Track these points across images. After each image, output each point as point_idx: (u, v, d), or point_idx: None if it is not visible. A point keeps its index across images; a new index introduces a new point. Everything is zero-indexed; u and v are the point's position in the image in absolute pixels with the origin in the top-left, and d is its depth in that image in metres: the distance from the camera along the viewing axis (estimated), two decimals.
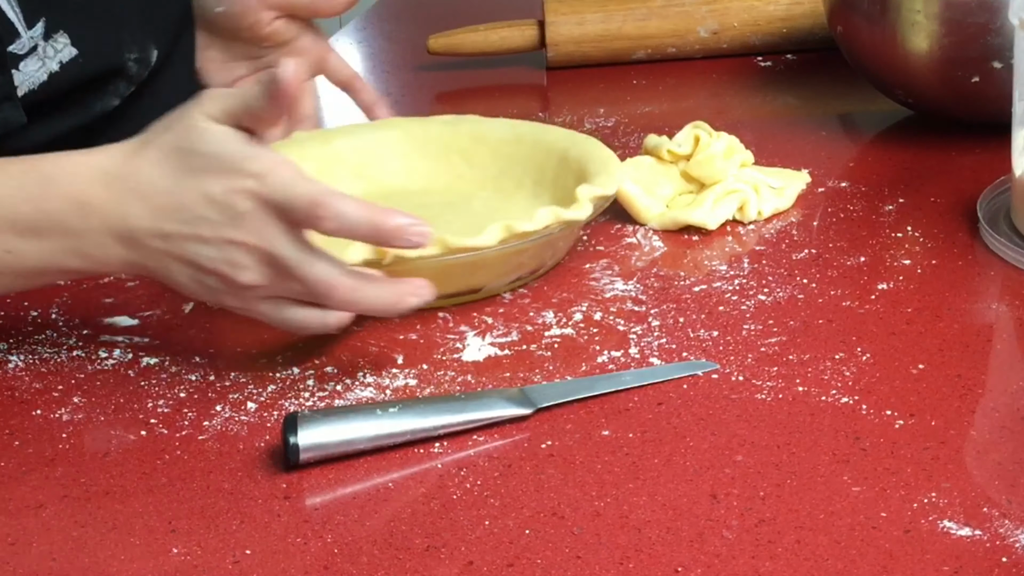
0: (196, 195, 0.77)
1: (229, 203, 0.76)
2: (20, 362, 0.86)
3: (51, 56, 0.98)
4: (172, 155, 0.78)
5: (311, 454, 0.73)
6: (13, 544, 0.69)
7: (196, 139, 0.77)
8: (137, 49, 1.06)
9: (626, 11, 1.34)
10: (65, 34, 0.99)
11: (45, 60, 0.98)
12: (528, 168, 1.02)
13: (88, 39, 1.01)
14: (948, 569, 0.63)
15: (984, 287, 0.91)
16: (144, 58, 1.07)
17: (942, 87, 1.09)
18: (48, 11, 0.99)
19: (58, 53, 0.99)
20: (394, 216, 0.77)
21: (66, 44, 0.99)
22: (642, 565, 0.65)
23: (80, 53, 1.00)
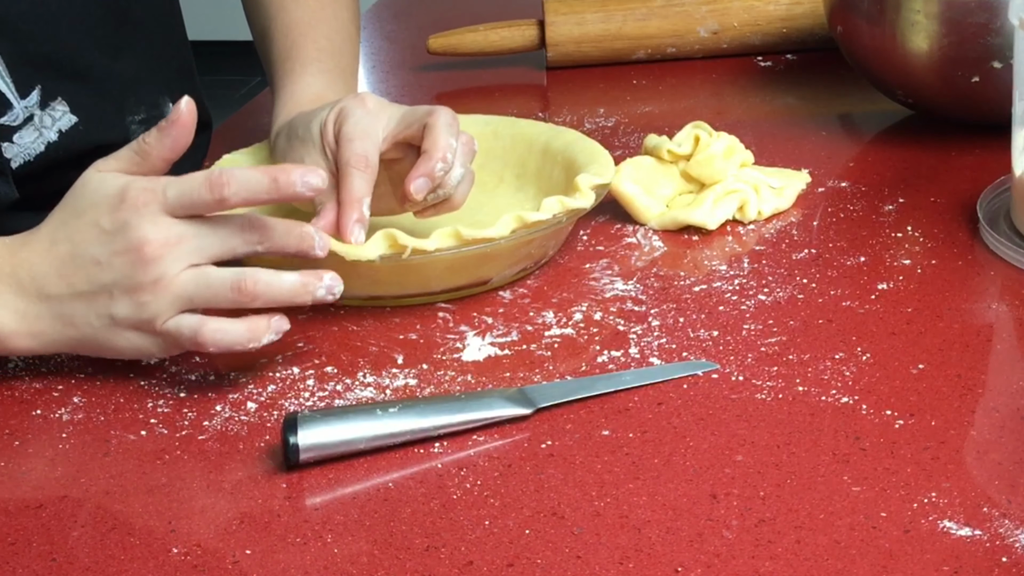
0: (87, 231, 0.79)
1: (120, 225, 0.78)
2: (20, 362, 0.86)
3: (48, 125, 0.96)
4: (64, 209, 0.81)
5: (311, 454, 0.73)
6: (13, 544, 0.69)
7: (81, 187, 0.81)
8: (144, 109, 1.04)
9: (626, 11, 1.34)
10: (63, 101, 0.97)
11: (42, 130, 0.96)
12: (508, 162, 1.04)
13: (87, 104, 0.99)
14: (948, 569, 0.63)
15: (984, 287, 0.91)
16: (156, 115, 1.04)
17: (942, 87, 1.09)
18: (43, 79, 0.96)
19: (56, 122, 0.97)
20: (289, 167, 0.79)
21: (65, 112, 0.97)
22: (642, 565, 0.65)
23: (80, 120, 0.98)
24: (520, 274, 0.93)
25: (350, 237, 0.86)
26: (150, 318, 0.79)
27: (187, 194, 0.78)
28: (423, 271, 0.88)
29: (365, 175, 0.88)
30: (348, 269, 0.87)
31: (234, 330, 0.79)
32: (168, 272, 0.78)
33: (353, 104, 0.91)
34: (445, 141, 0.87)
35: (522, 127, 1.05)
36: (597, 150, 0.98)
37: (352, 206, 0.87)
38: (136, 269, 0.78)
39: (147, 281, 0.78)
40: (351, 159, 0.88)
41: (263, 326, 0.79)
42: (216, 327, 0.79)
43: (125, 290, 0.78)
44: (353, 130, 0.89)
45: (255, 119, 1.27)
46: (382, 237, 0.85)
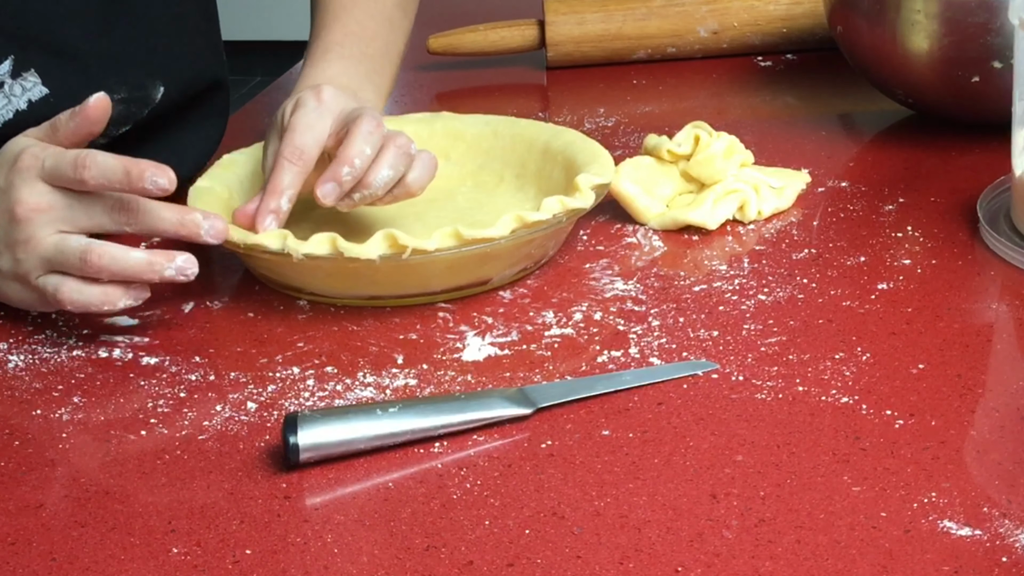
0: None
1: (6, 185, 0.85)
2: (20, 362, 0.86)
3: (18, 94, 0.98)
4: None
5: (311, 454, 0.73)
6: (13, 544, 0.69)
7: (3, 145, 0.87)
8: (126, 88, 1.03)
9: (626, 11, 1.34)
10: (35, 73, 0.98)
11: (11, 98, 0.98)
12: (509, 162, 1.04)
13: (61, 78, 0.99)
14: (948, 569, 0.63)
15: (984, 287, 0.91)
16: (140, 97, 1.05)
17: (942, 87, 1.09)
18: (16, 50, 0.97)
19: (26, 92, 0.98)
20: (143, 162, 0.83)
21: (36, 83, 0.99)
22: (642, 565, 0.65)
23: (51, 93, 0.99)
24: (520, 274, 0.93)
25: (259, 226, 0.89)
26: (23, 273, 0.85)
27: (58, 168, 0.84)
28: (423, 271, 0.88)
29: (295, 168, 0.91)
30: (348, 269, 0.87)
31: (89, 292, 0.85)
32: (36, 234, 0.84)
33: (308, 95, 0.94)
34: (357, 148, 0.89)
35: (522, 127, 1.05)
36: (597, 150, 0.98)
37: (272, 196, 0.90)
38: (12, 227, 0.84)
39: (20, 239, 0.84)
40: (284, 150, 0.91)
41: (119, 292, 0.85)
42: (74, 287, 0.84)
43: (5, 245, 0.85)
44: (298, 122, 0.92)
45: (256, 119, 1.27)
46: (382, 237, 0.85)
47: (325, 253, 0.86)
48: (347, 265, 0.86)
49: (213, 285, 0.95)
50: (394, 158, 0.90)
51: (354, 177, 0.89)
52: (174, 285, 0.91)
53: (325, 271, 0.88)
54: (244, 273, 0.96)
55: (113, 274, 0.84)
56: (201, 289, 0.93)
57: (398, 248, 0.85)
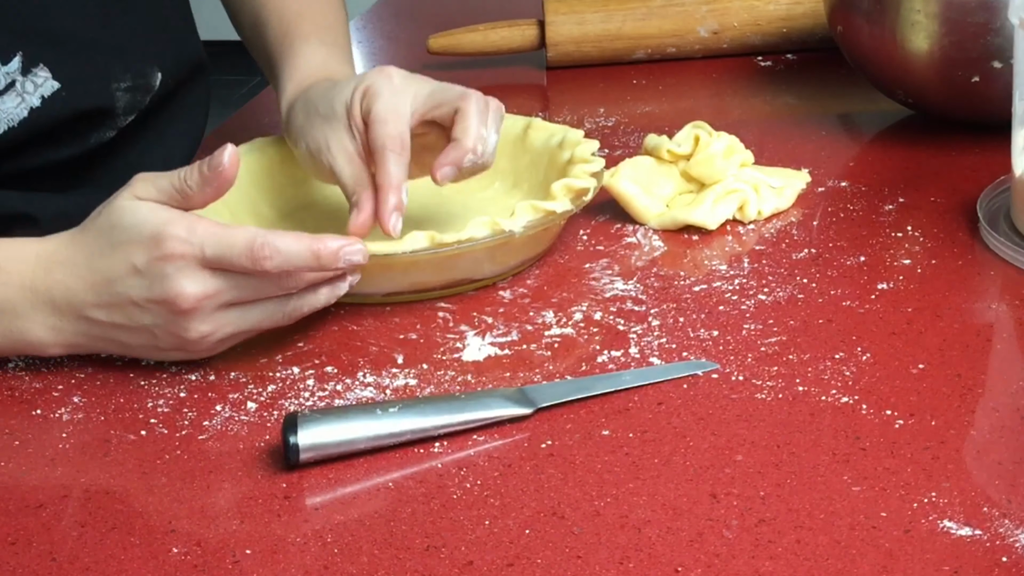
0: (122, 267, 0.80)
1: (155, 271, 0.79)
2: (20, 362, 0.86)
3: (31, 91, 0.96)
4: (101, 234, 0.81)
5: (311, 454, 0.73)
6: (13, 544, 0.69)
7: (118, 215, 0.81)
8: (130, 76, 1.03)
9: (626, 11, 1.34)
10: (45, 67, 0.97)
11: (24, 96, 0.96)
12: (502, 160, 1.04)
13: (70, 71, 0.98)
14: (948, 569, 0.63)
15: (984, 287, 0.91)
16: (143, 84, 1.04)
17: (942, 87, 1.09)
18: (24, 45, 0.96)
19: (39, 88, 0.97)
20: (330, 240, 0.80)
21: (47, 78, 0.97)
22: (642, 565, 0.65)
23: (63, 86, 0.98)
24: (518, 268, 0.93)
25: (388, 225, 0.86)
26: (198, 350, 0.82)
27: (226, 257, 0.78)
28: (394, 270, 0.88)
29: (402, 158, 0.88)
30: None
31: None
32: (207, 319, 0.80)
33: (380, 81, 0.91)
34: (476, 131, 0.88)
35: (510, 124, 1.05)
36: (586, 150, 0.98)
37: (391, 192, 0.87)
38: (175, 317, 0.79)
39: (189, 327, 0.80)
40: (387, 142, 0.88)
41: None
42: None
43: (167, 332, 0.81)
44: (384, 110, 0.89)
45: (256, 119, 1.27)
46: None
47: None
48: None
49: None
50: (496, 123, 0.90)
51: (474, 161, 0.88)
52: None
53: None
54: None
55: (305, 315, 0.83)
56: None
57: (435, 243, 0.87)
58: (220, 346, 0.82)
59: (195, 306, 0.79)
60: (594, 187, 0.94)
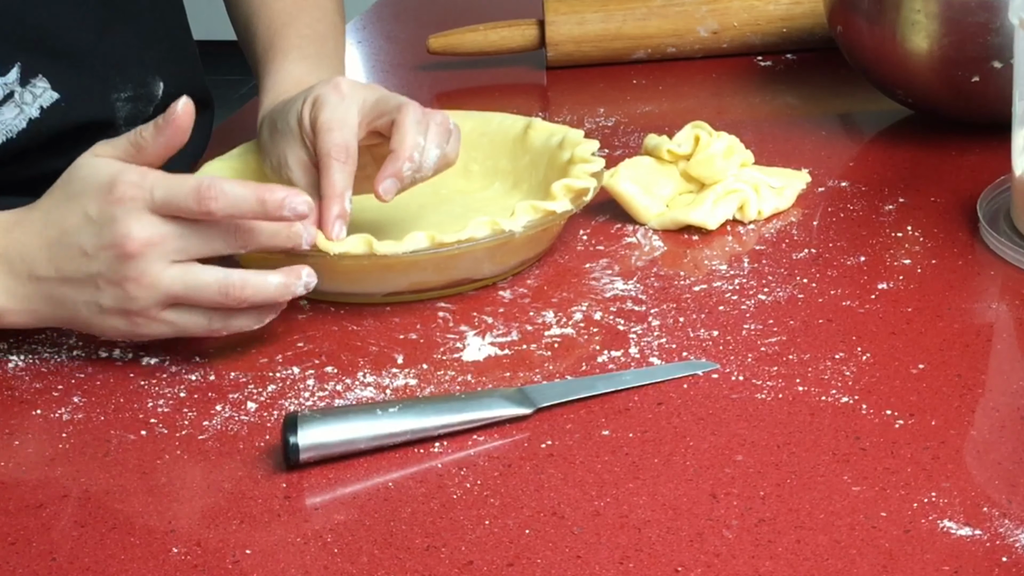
0: (76, 217, 0.80)
1: (105, 215, 0.79)
2: (20, 362, 0.86)
3: (29, 102, 0.96)
4: (57, 190, 0.82)
5: (311, 454, 0.73)
6: (13, 544, 0.69)
7: (75, 171, 0.82)
8: (132, 87, 1.03)
9: (626, 11, 1.34)
10: (44, 78, 0.97)
11: (23, 106, 0.96)
12: (501, 159, 1.04)
13: (69, 81, 0.98)
14: (948, 569, 0.63)
15: (984, 287, 0.91)
16: (145, 94, 1.04)
17: (942, 87, 1.09)
18: (23, 56, 0.96)
19: (37, 99, 0.97)
20: (276, 189, 0.80)
21: (46, 88, 0.97)
22: (642, 565, 0.65)
23: (62, 97, 0.98)
24: (519, 267, 0.93)
25: (331, 233, 0.87)
26: (138, 310, 0.80)
27: (174, 199, 0.79)
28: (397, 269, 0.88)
29: (346, 167, 0.88)
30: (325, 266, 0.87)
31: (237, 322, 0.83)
32: (151, 269, 0.79)
33: (327, 91, 0.91)
34: (412, 140, 0.88)
35: (510, 124, 1.05)
36: (586, 151, 0.98)
37: (334, 201, 0.87)
38: (120, 263, 0.79)
39: (131, 275, 0.79)
40: (331, 150, 0.88)
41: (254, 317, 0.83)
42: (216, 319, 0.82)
43: (110, 282, 0.80)
44: (330, 119, 0.89)
45: (256, 119, 1.27)
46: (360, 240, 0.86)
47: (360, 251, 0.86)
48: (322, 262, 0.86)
49: None
50: (439, 137, 0.90)
51: (412, 171, 0.88)
52: None
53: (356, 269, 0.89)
54: None
55: (254, 303, 0.82)
56: None
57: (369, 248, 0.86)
58: (158, 324, 0.81)
59: (140, 250, 0.79)
60: (594, 187, 0.94)
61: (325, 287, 0.90)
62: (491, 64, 1.38)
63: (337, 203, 0.87)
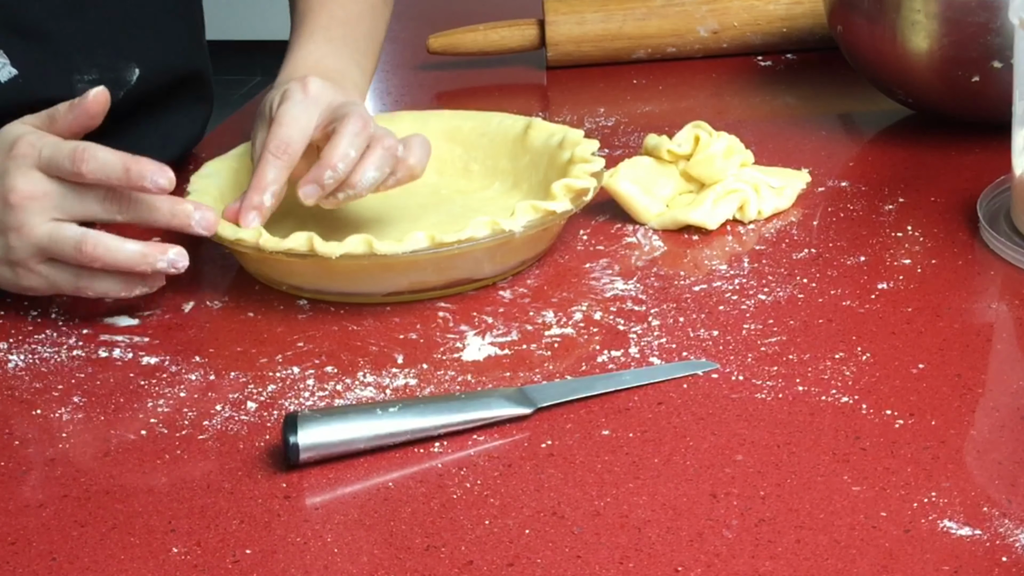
0: None
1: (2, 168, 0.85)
2: (20, 362, 0.86)
3: None
4: None
5: (311, 454, 0.73)
6: (13, 544, 0.69)
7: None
8: (96, 70, 1.03)
9: (626, 11, 1.34)
10: (4, 54, 0.98)
11: None
12: (500, 159, 1.04)
13: (28, 59, 0.99)
14: (948, 569, 0.63)
15: (984, 287, 0.91)
16: (112, 78, 1.04)
17: (942, 87, 1.09)
18: None
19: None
20: (144, 161, 0.84)
21: (5, 64, 0.99)
22: (642, 565, 0.65)
23: (20, 74, 0.99)
24: (520, 267, 0.93)
25: (243, 221, 0.89)
26: (17, 259, 0.86)
27: (55, 158, 0.85)
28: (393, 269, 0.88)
29: (279, 162, 0.90)
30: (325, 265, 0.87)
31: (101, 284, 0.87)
32: (30, 221, 0.85)
33: (294, 87, 0.93)
34: (341, 152, 0.89)
35: (510, 124, 1.05)
36: (587, 151, 0.98)
37: (255, 191, 0.90)
38: (5, 213, 0.85)
39: (12, 226, 0.85)
40: (269, 144, 0.91)
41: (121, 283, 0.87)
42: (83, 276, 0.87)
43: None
44: (284, 115, 0.92)
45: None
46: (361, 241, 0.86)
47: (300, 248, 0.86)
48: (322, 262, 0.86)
49: (213, 285, 0.95)
50: (380, 160, 0.90)
51: (336, 180, 0.89)
52: (174, 284, 0.91)
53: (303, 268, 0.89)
54: (243, 273, 0.96)
55: (107, 264, 0.85)
56: (201, 289, 0.93)
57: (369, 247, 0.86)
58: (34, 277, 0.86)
59: (20, 203, 0.84)
60: (594, 187, 0.94)
61: (325, 287, 0.90)
62: (491, 64, 1.38)
63: (257, 194, 0.90)
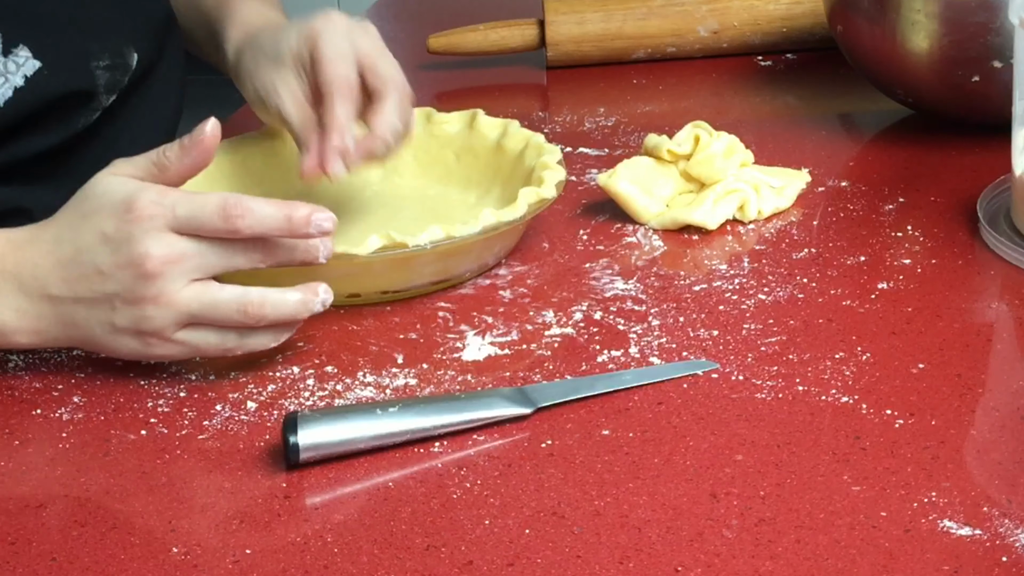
0: (91, 236, 0.79)
1: (123, 234, 0.77)
2: (20, 362, 0.86)
3: (13, 71, 0.96)
4: (72, 208, 0.81)
5: (311, 454, 0.73)
6: (13, 544, 0.69)
7: (91, 188, 0.80)
8: (108, 56, 1.03)
9: (626, 11, 1.34)
10: (25, 47, 0.97)
11: (7, 76, 0.96)
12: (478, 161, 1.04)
13: (51, 49, 0.98)
14: (948, 569, 0.63)
15: (984, 287, 0.91)
16: (121, 64, 1.04)
17: (942, 87, 1.09)
18: (4, 25, 0.96)
19: (20, 67, 0.96)
20: (302, 206, 0.78)
21: (28, 57, 0.96)
22: (642, 565, 0.65)
23: (44, 65, 0.97)
24: (487, 267, 0.93)
25: (330, 167, 0.86)
26: (153, 330, 0.79)
27: (197, 217, 0.77)
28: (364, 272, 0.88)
29: (348, 101, 0.88)
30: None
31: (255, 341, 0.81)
32: (169, 288, 0.78)
33: (325, 24, 0.91)
34: (390, 122, 0.88)
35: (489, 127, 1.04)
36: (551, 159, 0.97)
37: (335, 132, 0.86)
38: (137, 283, 0.77)
39: (148, 295, 0.78)
40: (335, 81, 0.87)
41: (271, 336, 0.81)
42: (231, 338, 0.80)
43: (126, 302, 0.78)
44: (331, 52, 0.88)
45: (255, 117, 1.27)
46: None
47: None
48: None
49: None
50: (407, 112, 0.90)
51: (388, 152, 0.88)
52: None
53: None
54: None
55: (273, 320, 0.80)
56: None
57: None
58: (173, 345, 0.80)
59: (159, 270, 0.77)
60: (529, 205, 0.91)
61: None
62: (491, 64, 1.38)
63: (338, 135, 0.86)
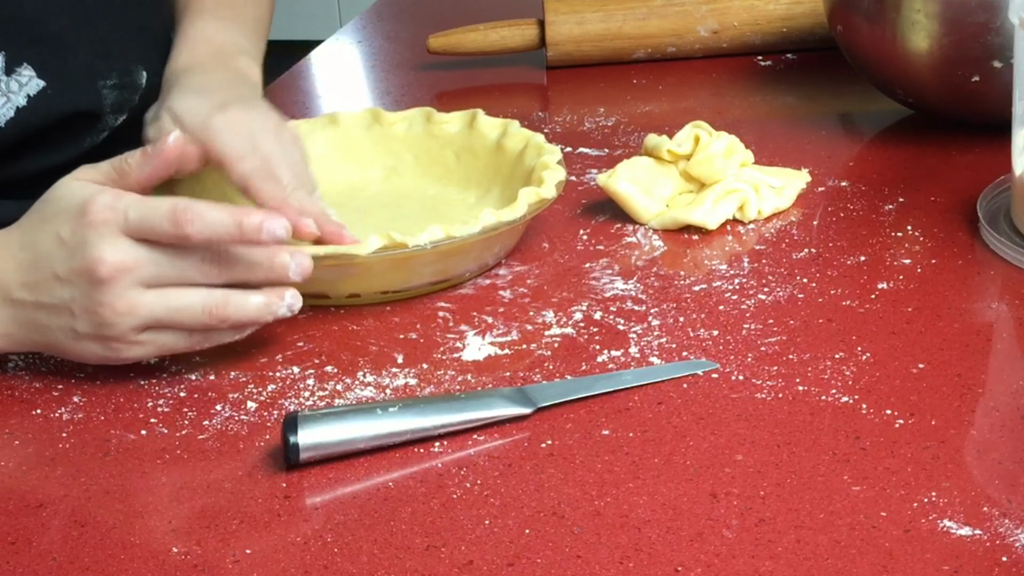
0: (49, 240, 0.79)
1: (78, 238, 0.77)
2: (20, 361, 0.86)
3: (16, 91, 0.96)
4: (33, 213, 0.81)
5: (311, 454, 0.73)
6: (13, 544, 0.69)
7: (52, 192, 0.80)
8: (116, 75, 1.03)
9: (626, 11, 1.34)
10: (29, 66, 0.97)
11: (10, 95, 0.96)
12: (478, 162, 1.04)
13: (55, 69, 0.98)
14: (948, 569, 0.63)
15: (984, 287, 0.91)
16: (130, 82, 1.04)
17: (942, 87, 1.09)
18: (7, 45, 0.96)
19: (23, 87, 0.96)
20: (255, 212, 0.78)
21: (32, 76, 0.96)
22: (642, 565, 0.65)
23: (48, 85, 0.97)
24: (487, 266, 0.93)
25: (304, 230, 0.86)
26: (115, 335, 0.79)
27: (148, 221, 0.77)
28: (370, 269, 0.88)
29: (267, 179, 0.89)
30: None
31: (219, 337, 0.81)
32: (125, 294, 0.77)
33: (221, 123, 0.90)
34: None
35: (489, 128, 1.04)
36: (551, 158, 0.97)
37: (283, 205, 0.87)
38: (92, 289, 0.77)
39: (104, 301, 0.77)
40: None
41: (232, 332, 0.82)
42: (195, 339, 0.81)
43: (84, 308, 0.78)
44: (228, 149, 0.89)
45: None
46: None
47: None
48: None
49: None
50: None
51: None
52: None
53: None
54: None
55: (236, 323, 0.80)
56: None
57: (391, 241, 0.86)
58: (138, 347, 0.79)
59: (112, 275, 0.77)
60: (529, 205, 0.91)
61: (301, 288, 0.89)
62: (491, 64, 1.38)
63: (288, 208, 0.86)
